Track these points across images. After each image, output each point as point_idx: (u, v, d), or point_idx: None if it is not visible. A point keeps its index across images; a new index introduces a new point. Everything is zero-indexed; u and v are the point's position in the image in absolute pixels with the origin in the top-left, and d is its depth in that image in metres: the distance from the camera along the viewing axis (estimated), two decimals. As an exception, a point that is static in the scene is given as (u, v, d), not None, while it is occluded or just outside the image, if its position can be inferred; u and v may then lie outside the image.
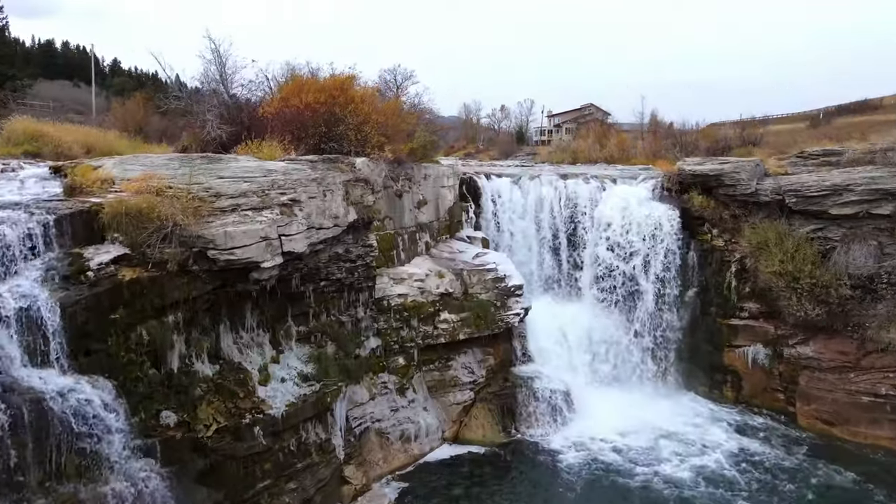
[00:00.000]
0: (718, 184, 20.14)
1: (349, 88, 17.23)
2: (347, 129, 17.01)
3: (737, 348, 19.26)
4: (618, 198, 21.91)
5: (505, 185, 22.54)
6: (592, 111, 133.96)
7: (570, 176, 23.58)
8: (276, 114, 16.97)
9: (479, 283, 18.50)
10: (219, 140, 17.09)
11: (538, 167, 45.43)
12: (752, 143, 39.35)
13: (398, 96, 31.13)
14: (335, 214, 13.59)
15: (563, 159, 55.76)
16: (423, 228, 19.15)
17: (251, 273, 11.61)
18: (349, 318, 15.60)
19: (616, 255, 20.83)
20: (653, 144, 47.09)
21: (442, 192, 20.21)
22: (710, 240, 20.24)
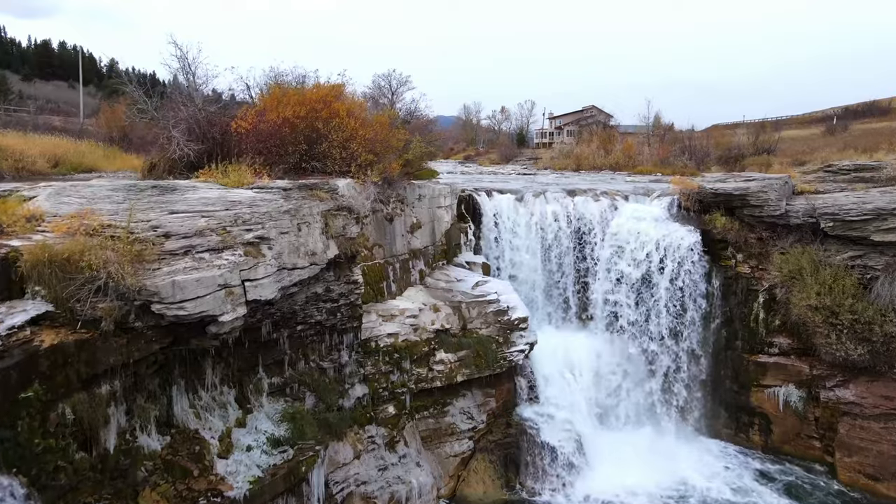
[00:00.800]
0: (743, 204, 18.33)
1: (333, 101, 15.38)
2: (331, 146, 15.23)
3: (766, 388, 17.42)
4: (631, 217, 20.11)
5: (507, 203, 20.70)
6: (594, 113, 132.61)
7: (578, 192, 21.74)
8: (251, 129, 15.13)
9: (479, 316, 16.68)
10: (187, 159, 15.26)
11: (541, 175, 43.64)
12: (766, 152, 37.63)
13: (393, 102, 29.36)
14: (312, 251, 11.74)
15: (566, 165, 54.01)
16: (417, 255, 17.32)
17: (208, 327, 9.77)
18: (331, 365, 13.77)
19: (630, 281, 18.99)
20: (660, 151, 45.29)
21: (438, 213, 18.39)
22: (734, 266, 18.41)
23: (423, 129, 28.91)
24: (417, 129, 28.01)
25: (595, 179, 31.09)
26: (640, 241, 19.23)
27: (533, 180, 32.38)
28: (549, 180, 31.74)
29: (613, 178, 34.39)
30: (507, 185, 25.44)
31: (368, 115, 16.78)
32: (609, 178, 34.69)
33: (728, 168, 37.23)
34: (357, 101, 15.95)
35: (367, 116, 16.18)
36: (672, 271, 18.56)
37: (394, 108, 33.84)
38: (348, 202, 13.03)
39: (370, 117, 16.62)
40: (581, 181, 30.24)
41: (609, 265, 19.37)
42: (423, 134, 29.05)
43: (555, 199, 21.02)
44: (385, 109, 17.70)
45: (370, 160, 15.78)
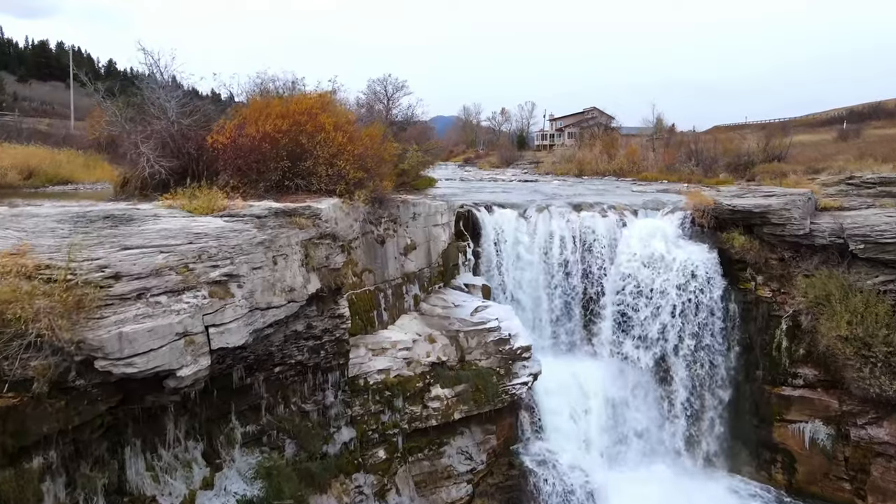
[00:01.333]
0: (763, 222, 17.04)
1: (319, 113, 14.08)
2: (316, 163, 13.94)
3: (789, 423, 16.13)
4: (641, 235, 18.83)
5: (509, 219, 19.41)
6: (596, 115, 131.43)
7: (584, 206, 20.44)
8: (228, 144, 13.83)
9: (478, 346, 15.39)
10: (158, 176, 13.96)
11: (542, 181, 42.35)
12: (777, 158, 36.34)
13: (389, 108, 28.12)
14: (290, 286, 10.44)
15: (568, 170, 52.74)
16: (412, 279, 16.02)
17: (166, 381, 8.47)
18: (315, 407, 12.47)
19: (641, 304, 17.70)
20: (665, 156, 43.98)
21: (434, 232, 17.08)
22: (753, 289, 17.11)
23: (420, 136, 27.67)
24: (414, 137, 26.78)
25: (600, 189, 29.79)
26: (652, 261, 17.95)
27: (535, 189, 31.12)
28: (552, 189, 30.46)
29: (619, 187, 33.12)
30: (509, 196, 24.17)
31: (359, 127, 15.47)
32: (614, 187, 33.42)
33: (737, 175, 35.95)
34: (345, 113, 14.64)
35: (356, 130, 14.87)
36: (686, 294, 17.26)
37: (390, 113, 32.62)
38: (332, 229, 11.71)
39: (361, 130, 15.31)
40: (586, 191, 28.96)
41: (618, 287, 18.08)
42: (420, 141, 27.84)
43: (559, 215, 19.73)
44: (377, 122, 16.39)
45: (360, 177, 14.50)
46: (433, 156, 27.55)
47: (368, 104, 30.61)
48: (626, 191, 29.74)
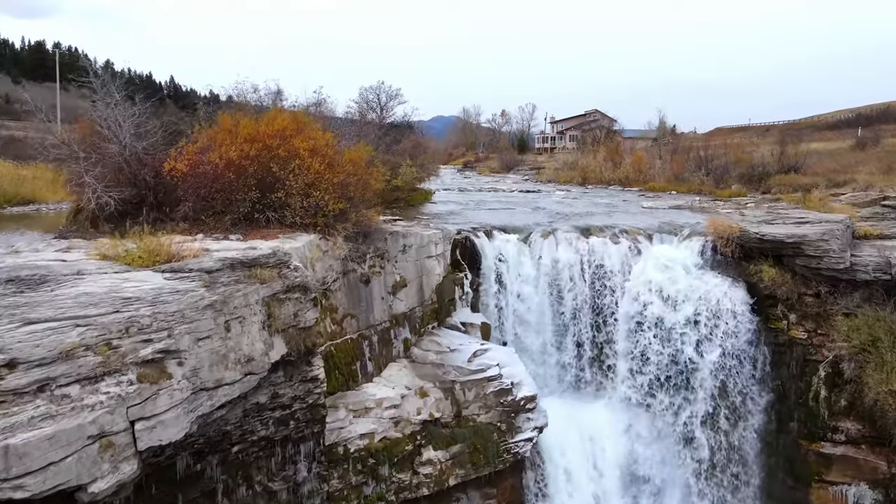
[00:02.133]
0: (797, 253, 15.23)
1: (293, 136, 12.27)
2: (290, 194, 12.12)
3: (830, 485, 14.34)
4: (658, 264, 17.03)
5: (511, 245, 17.61)
6: (597, 118, 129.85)
7: (594, 231, 18.62)
8: (188, 172, 12.03)
9: (476, 399, 13.58)
10: (108, 210, 12.15)
11: (545, 191, 40.54)
12: (793, 170, 34.54)
13: (382, 118, 26.31)
14: (247, 356, 8.63)
15: (571, 178, 50.91)
16: (401, 321, 14.21)
17: (77, 493, 6.69)
18: (284, 485, 10.65)
19: (658, 344, 15.89)
20: (673, 165, 42.15)
21: (427, 265, 15.26)
22: (786, 329, 15.29)
23: (415, 148, 25.89)
24: (408, 151, 24.99)
25: (607, 205, 27.97)
26: (671, 296, 16.15)
27: (537, 203, 29.35)
28: (556, 204, 28.68)
29: (626, 200, 31.33)
30: (511, 216, 22.38)
31: (341, 149, 13.64)
32: (622, 200, 31.62)
33: (751, 187, 34.18)
34: (322, 136, 12.81)
35: (337, 153, 13.05)
36: (709, 333, 15.46)
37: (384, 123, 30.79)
38: (303, 278, 9.88)
39: (344, 152, 13.49)
40: (593, 207, 27.15)
41: (632, 324, 16.28)
42: (415, 154, 26.05)
43: (566, 241, 17.91)
44: (362, 143, 14.53)
45: (341, 208, 12.70)
46: (428, 171, 25.78)
47: (361, 113, 28.79)
48: (635, 206, 27.94)
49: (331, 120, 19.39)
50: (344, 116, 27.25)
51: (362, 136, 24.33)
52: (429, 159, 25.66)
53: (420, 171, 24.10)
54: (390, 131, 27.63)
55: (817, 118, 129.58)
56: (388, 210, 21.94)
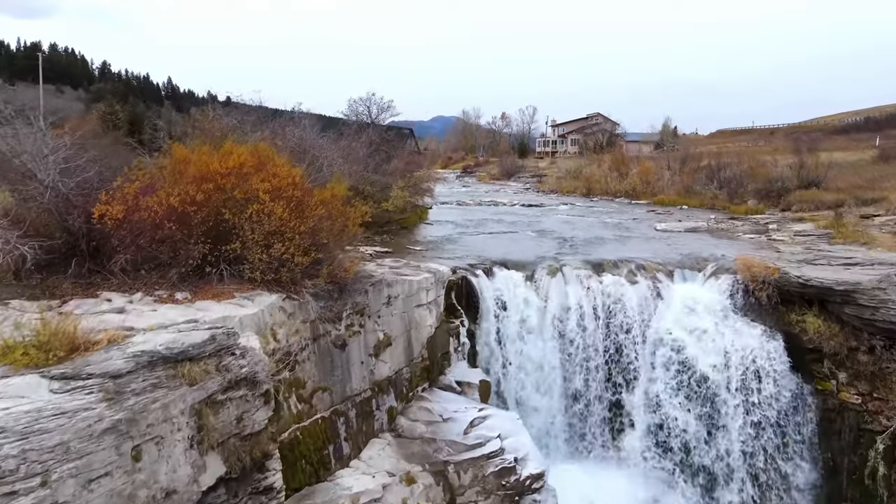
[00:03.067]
0: (846, 300, 13.11)
1: (252, 174, 10.16)
2: (246, 245, 9.99)
3: (891, 581, 12.18)
4: (682, 309, 14.94)
5: (514, 285, 15.54)
6: (599, 121, 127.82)
7: (607, 266, 16.53)
8: (124, 218, 9.90)
9: (474, 482, 11.47)
10: (23, 264, 10.01)
11: (549, 204, 38.44)
12: (814, 185, 32.43)
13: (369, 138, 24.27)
14: (167, 489, 6.55)
15: (575, 188, 48.83)
16: (385, 387, 12.08)
17: None
18: None
19: (684, 405, 13.79)
20: (683, 177, 40.03)
21: (417, 316, 13.14)
22: (835, 390, 13.17)
23: (408, 166, 23.79)
24: (400, 170, 22.90)
25: (617, 226, 25.83)
26: (698, 347, 14.04)
27: (541, 223, 27.28)
28: (561, 224, 26.60)
29: (636, 219, 29.23)
30: (514, 244, 20.28)
31: (311, 188, 11.48)
32: (631, 218, 29.54)
33: (769, 203, 32.08)
34: (290, 172, 10.68)
35: (307, 193, 10.91)
36: (743, 394, 13.36)
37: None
38: (251, 368, 7.76)
39: (316, 191, 11.34)
40: (600, 227, 25.07)
41: (653, 382, 14.18)
42: (408, 170, 23.94)
43: (577, 280, 15.83)
44: (337, 176, 12.31)
45: (314, 259, 10.60)
46: (422, 191, 23.66)
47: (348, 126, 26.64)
48: (647, 227, 25.86)
49: (310, 142, 17.27)
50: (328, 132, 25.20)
51: (349, 154, 22.24)
52: (422, 179, 23.54)
53: (413, 193, 21.99)
54: (381, 146, 25.54)
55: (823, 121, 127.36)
56: (378, 236, 19.92)
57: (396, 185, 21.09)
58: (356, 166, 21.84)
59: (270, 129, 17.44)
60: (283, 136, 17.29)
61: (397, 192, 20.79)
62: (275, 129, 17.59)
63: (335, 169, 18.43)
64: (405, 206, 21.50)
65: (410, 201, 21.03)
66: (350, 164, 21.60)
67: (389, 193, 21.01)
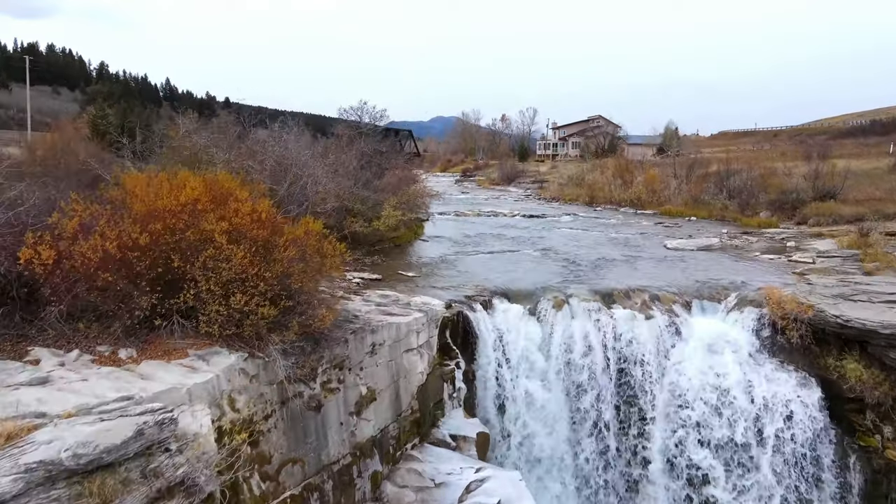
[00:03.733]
0: (892, 344, 11.59)
1: (208, 212, 8.63)
2: (200, 296, 8.48)
3: None
4: (702, 348, 13.44)
5: (515, 320, 14.04)
6: (601, 123, 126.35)
7: (618, 297, 15.04)
8: (56, 264, 8.39)
9: (470, 563, 9.90)
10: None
11: (550, 214, 36.92)
12: (830, 196, 30.93)
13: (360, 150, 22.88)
14: None
15: (577, 196, 47.34)
16: (368, 450, 10.55)
17: None
18: None
19: (710, 457, 12.27)
20: (691, 186, 38.51)
21: (407, 363, 11.62)
22: (880, 448, 11.65)
23: (400, 182, 22.28)
24: (392, 186, 21.40)
25: (627, 249, 24.29)
26: (720, 396, 12.53)
27: (543, 236, 25.81)
28: (566, 240, 25.11)
29: (644, 233, 27.73)
30: (515, 266, 18.76)
31: (282, 223, 9.94)
32: (638, 233, 28.04)
33: (783, 215, 30.57)
34: (257, 206, 9.15)
35: (276, 230, 9.39)
36: (777, 452, 11.84)
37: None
38: (190, 468, 6.24)
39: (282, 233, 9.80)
40: (610, 247, 23.55)
41: (674, 427, 12.66)
42: (401, 186, 22.44)
43: (585, 313, 14.34)
44: (307, 219, 10.71)
45: (284, 308, 9.07)
46: (417, 207, 22.15)
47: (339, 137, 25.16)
48: (657, 244, 24.37)
49: (292, 159, 15.76)
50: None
51: (337, 168, 20.77)
52: (417, 195, 22.03)
53: (407, 211, 20.48)
54: (374, 158, 24.04)
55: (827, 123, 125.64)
56: (369, 257, 18.46)
57: (388, 202, 19.59)
58: (347, 181, 20.37)
59: (248, 145, 15.93)
60: (263, 153, 15.77)
61: (389, 212, 19.29)
62: (254, 145, 16.08)
63: (321, 188, 16.95)
64: (398, 224, 19.98)
65: (403, 220, 19.49)
66: (339, 178, 20.12)
67: (381, 211, 19.54)
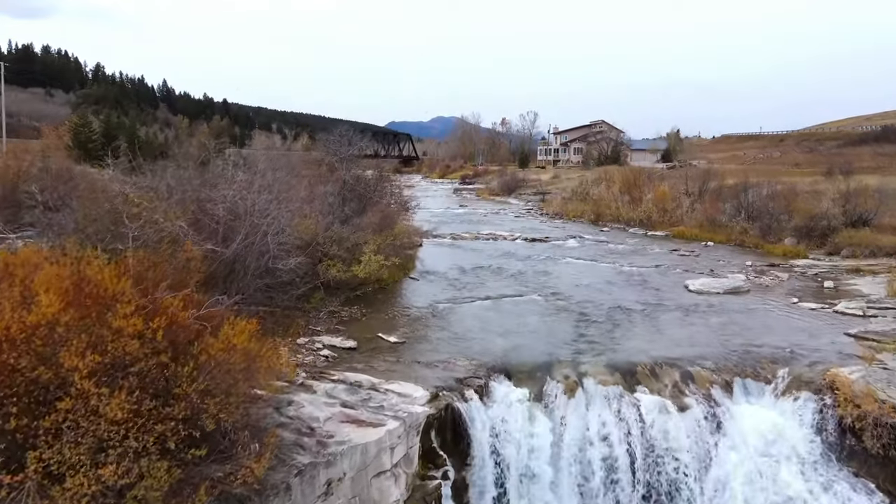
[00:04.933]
0: None
1: (71, 338, 5.94)
2: (51, 466, 5.79)
3: None
4: (753, 452, 10.72)
5: (516, 415, 11.30)
6: (603, 129, 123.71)
7: (642, 377, 12.38)
8: None
9: None
10: None
11: (555, 238, 34.23)
12: (863, 222, 28.21)
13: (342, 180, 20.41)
14: None
15: (582, 213, 44.56)
16: None
17: None
18: None
19: None
20: (707, 207, 35.79)
21: (376, 492, 8.95)
22: None
23: (386, 219, 19.61)
24: (374, 224, 18.74)
25: (644, 288, 21.57)
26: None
27: (548, 271, 23.18)
28: (572, 274, 22.46)
29: (661, 265, 25.05)
30: (516, 329, 16.06)
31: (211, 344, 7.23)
32: (652, 263, 25.37)
33: (812, 244, 27.83)
34: (161, 319, 6.46)
35: (181, 352, 6.68)
36: None
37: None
38: None
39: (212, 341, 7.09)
40: (624, 286, 20.86)
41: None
42: (387, 223, 19.78)
43: (603, 400, 11.69)
44: (232, 322, 8.02)
45: (193, 460, 6.39)
46: (403, 248, 19.46)
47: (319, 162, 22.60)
48: (675, 281, 21.75)
49: (248, 205, 13.07)
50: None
51: (313, 200, 18.18)
52: (403, 234, 19.35)
53: (392, 253, 17.81)
54: (356, 187, 21.40)
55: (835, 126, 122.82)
56: (347, 308, 15.91)
57: (369, 246, 16.97)
58: (325, 217, 17.74)
59: (195, 189, 13.27)
60: (213, 199, 13.10)
61: (369, 257, 16.65)
62: (202, 188, 13.41)
63: (285, 237, 14.31)
64: (380, 268, 17.32)
65: (385, 264, 16.87)
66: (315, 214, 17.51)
67: (362, 253, 16.88)
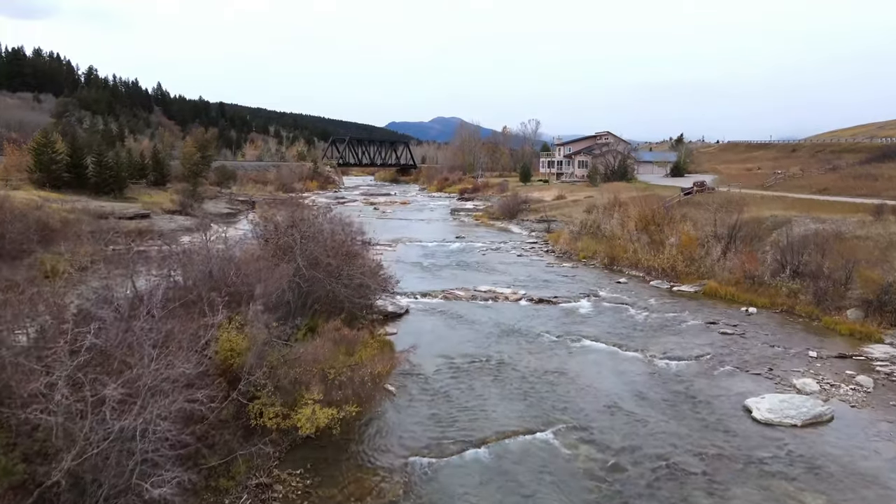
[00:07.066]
0: None
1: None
2: None
3: None
4: None
5: None
6: (609, 140, 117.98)
7: None
8: None
9: None
10: None
11: (563, 296, 29.16)
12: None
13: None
14: None
15: (593, 252, 39.22)
16: None
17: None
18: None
19: None
20: (742, 259, 30.48)
21: None
22: None
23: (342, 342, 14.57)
24: (322, 355, 13.69)
25: (686, 404, 16.48)
26: None
27: (560, 365, 18.24)
28: (591, 377, 17.51)
29: (701, 354, 19.95)
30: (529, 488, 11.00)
31: None
32: (692, 345, 20.27)
33: (885, 320, 22.63)
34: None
35: None
36: None
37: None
38: None
39: None
40: (665, 414, 15.87)
41: None
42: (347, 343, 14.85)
43: None
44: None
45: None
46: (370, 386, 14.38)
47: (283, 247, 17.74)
48: (726, 389, 16.69)
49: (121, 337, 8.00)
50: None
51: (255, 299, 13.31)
52: (367, 358, 14.28)
53: (345, 403, 12.81)
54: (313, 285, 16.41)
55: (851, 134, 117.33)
56: (285, 472, 10.99)
57: (311, 392, 11.97)
58: (275, 313, 12.82)
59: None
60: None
61: (310, 410, 11.72)
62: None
63: (167, 384, 9.36)
64: (331, 421, 12.32)
65: (338, 417, 11.86)
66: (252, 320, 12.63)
67: (307, 389, 11.83)
